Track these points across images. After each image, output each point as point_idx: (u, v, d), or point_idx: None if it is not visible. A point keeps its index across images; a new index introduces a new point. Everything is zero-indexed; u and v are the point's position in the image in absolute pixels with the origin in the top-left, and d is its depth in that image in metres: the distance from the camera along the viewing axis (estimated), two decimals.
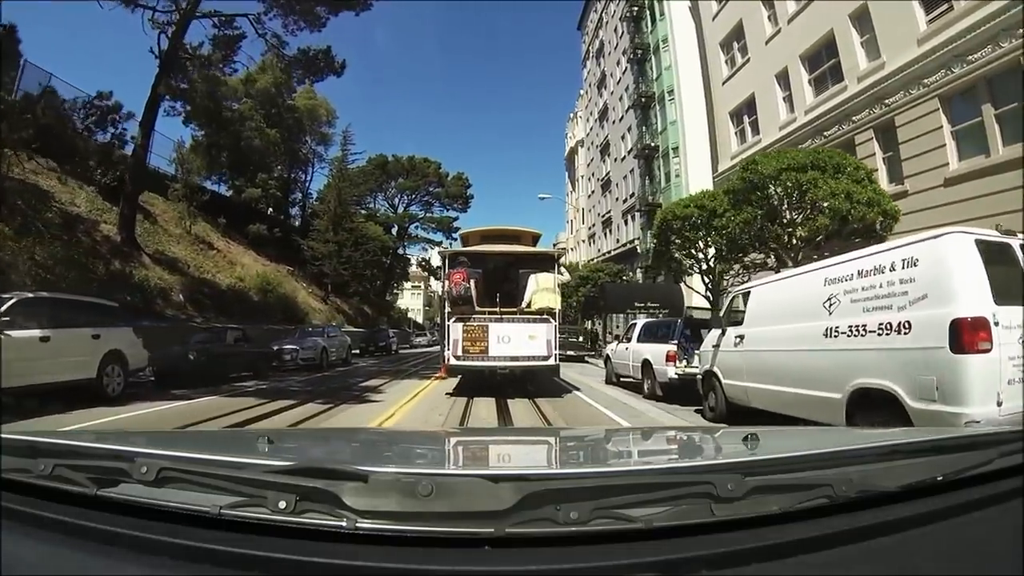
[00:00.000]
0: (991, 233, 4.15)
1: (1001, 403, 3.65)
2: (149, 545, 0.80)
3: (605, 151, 39.91)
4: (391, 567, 0.73)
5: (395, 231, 46.86)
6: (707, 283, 15.21)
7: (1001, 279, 3.86)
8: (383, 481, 0.81)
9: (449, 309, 9.80)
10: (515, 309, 9.91)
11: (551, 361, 9.72)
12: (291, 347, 16.31)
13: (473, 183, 48.91)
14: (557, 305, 9.97)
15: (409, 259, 53.80)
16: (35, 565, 0.81)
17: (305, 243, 34.02)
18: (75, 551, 0.81)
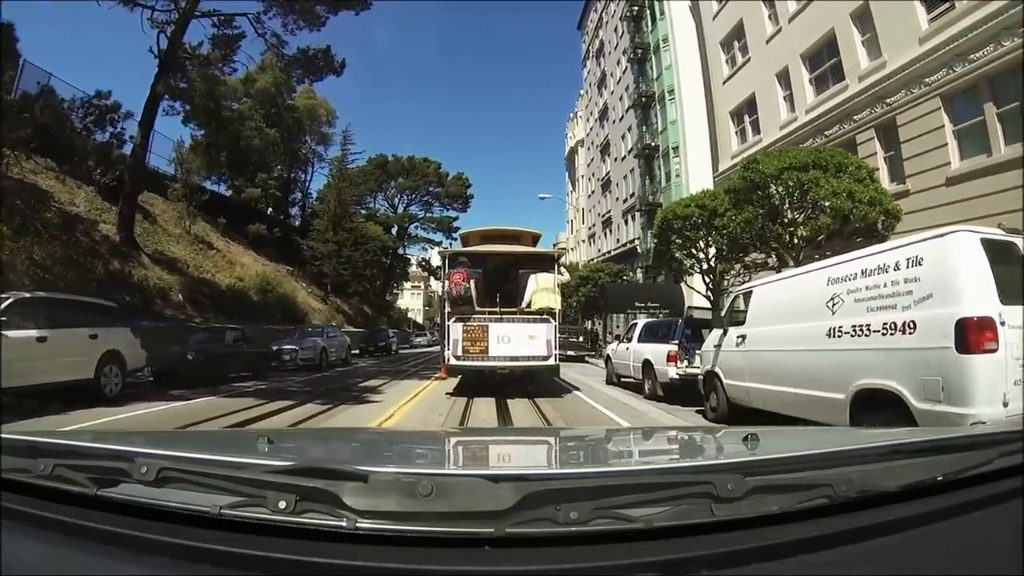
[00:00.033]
0: (996, 232, 4.10)
1: (1007, 403, 3.61)
2: (149, 545, 0.80)
3: (605, 151, 39.88)
4: (391, 567, 0.73)
5: (395, 231, 46.83)
6: (708, 283, 15.16)
7: (1006, 278, 3.81)
8: (383, 481, 0.81)
9: (449, 309, 9.83)
10: (515, 309, 9.93)
11: (551, 361, 9.75)
12: (290, 347, 16.29)
13: (473, 183, 49.01)
14: (557, 305, 10.01)
15: (409, 259, 53.82)
16: (35, 565, 0.81)
17: (305, 243, 33.97)
18: (75, 551, 0.81)
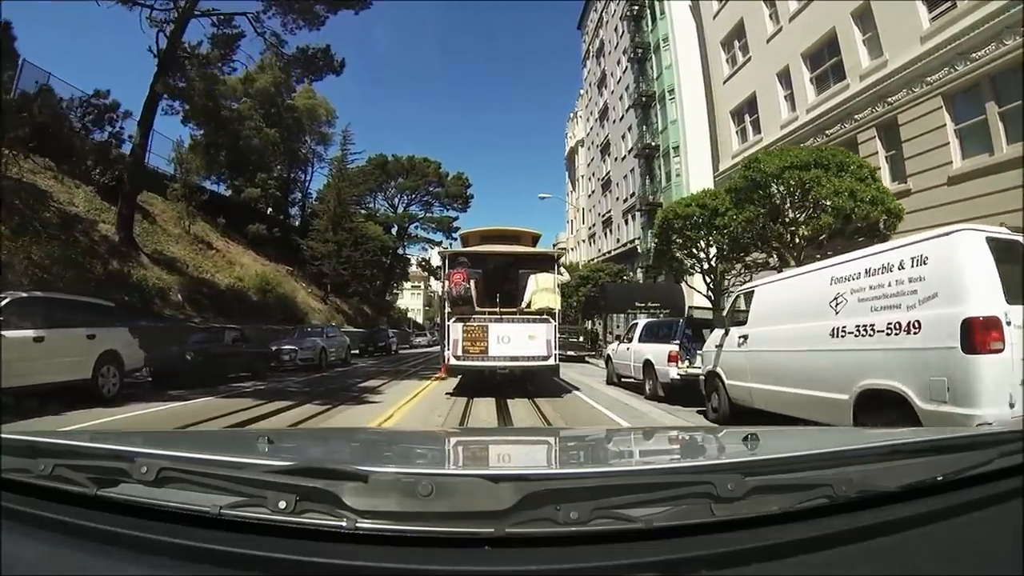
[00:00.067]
0: (1001, 230, 4.06)
1: (1013, 404, 3.56)
2: (149, 545, 0.79)
3: (605, 151, 39.82)
4: (391, 567, 0.73)
5: (395, 231, 46.77)
6: (708, 283, 15.11)
7: (1012, 277, 3.77)
8: (383, 481, 0.81)
9: (449, 309, 9.84)
10: (515, 309, 9.94)
11: (551, 361, 9.75)
12: (289, 347, 16.24)
13: (473, 183, 48.93)
14: (557, 305, 10.02)
15: (409, 259, 53.77)
16: (35, 565, 0.81)
17: (304, 243, 33.90)
18: (75, 551, 0.81)
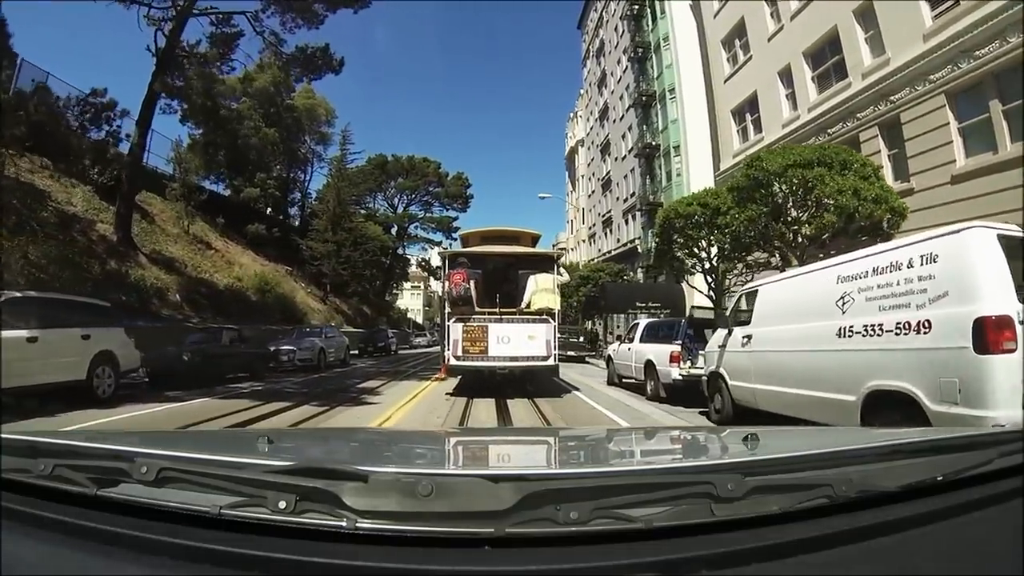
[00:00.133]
0: (1011, 228, 3.97)
1: None
2: (149, 545, 0.79)
3: (605, 150, 39.75)
4: (391, 567, 0.73)
5: (395, 231, 46.68)
6: (710, 283, 15.02)
7: (1023, 276, 3.68)
8: (383, 481, 0.81)
9: (449, 309, 9.85)
10: (515, 309, 9.95)
11: (550, 361, 9.76)
12: (288, 348, 16.14)
13: (473, 183, 48.82)
14: (556, 305, 10.03)
15: (409, 259, 53.69)
16: (35, 565, 0.81)
17: (304, 243, 33.79)
18: (75, 551, 0.80)
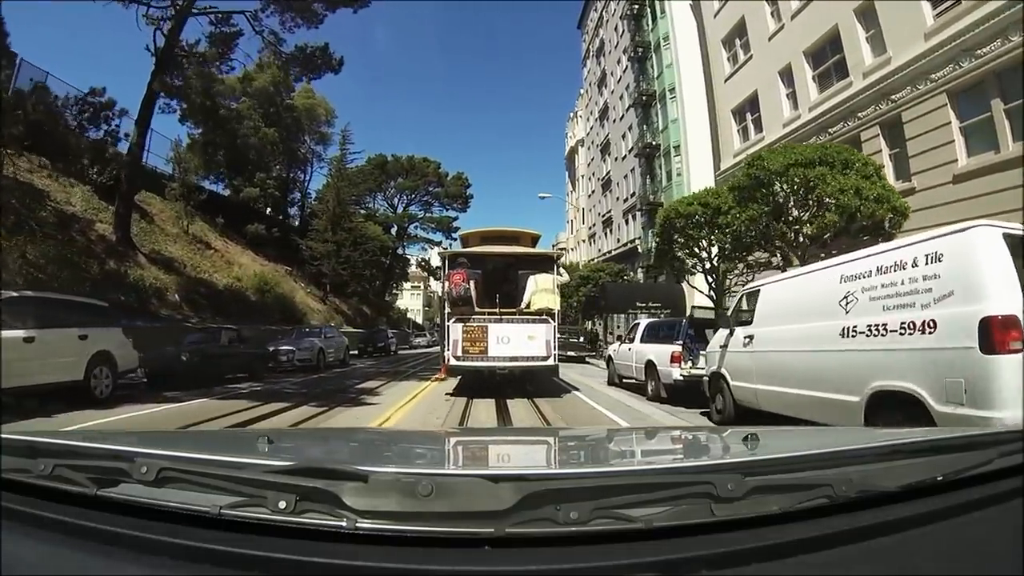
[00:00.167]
0: (1016, 227, 3.92)
1: None
2: (149, 545, 0.79)
3: (605, 150, 39.70)
4: (391, 567, 0.73)
5: (394, 231, 46.62)
6: (710, 283, 14.97)
7: None
8: (383, 481, 0.81)
9: (449, 310, 9.84)
10: (514, 310, 9.94)
11: (550, 361, 9.75)
12: (287, 348, 16.10)
13: (473, 183, 48.77)
14: (556, 306, 10.02)
15: (408, 259, 53.63)
16: (35, 565, 0.81)
17: (304, 243, 33.74)
18: (75, 551, 0.80)
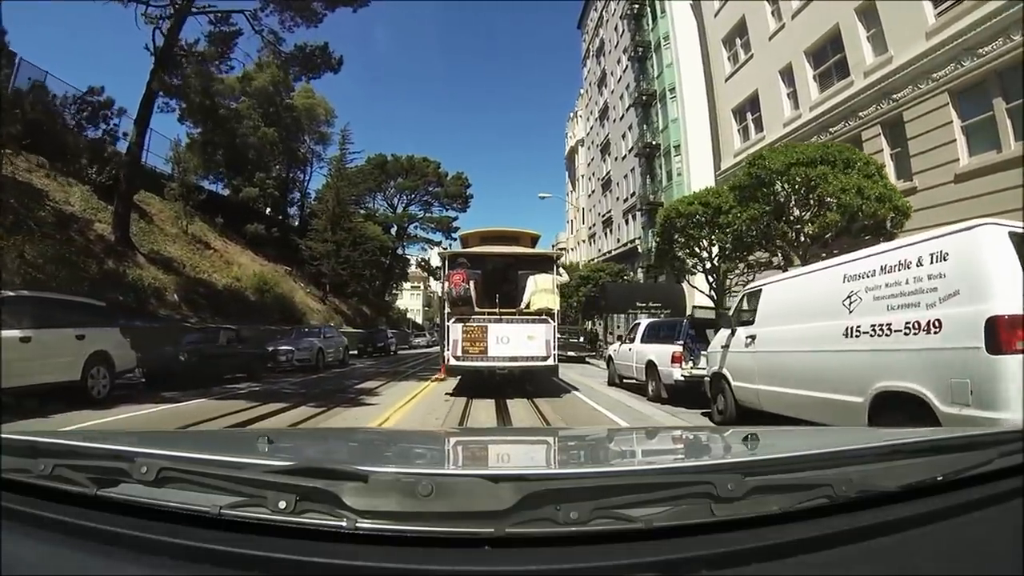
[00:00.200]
0: (1022, 225, 3.87)
1: None
2: (149, 545, 0.79)
3: (605, 150, 39.66)
4: (391, 567, 0.73)
5: (394, 231, 46.59)
6: (711, 283, 14.92)
7: None
8: (383, 481, 0.81)
9: (449, 310, 9.83)
10: (514, 310, 9.93)
11: (550, 361, 9.74)
12: (286, 348, 16.06)
13: (473, 183, 48.71)
14: (556, 306, 10.01)
15: (408, 259, 53.58)
16: (35, 565, 0.81)
17: (303, 243, 33.71)
18: (75, 551, 0.80)
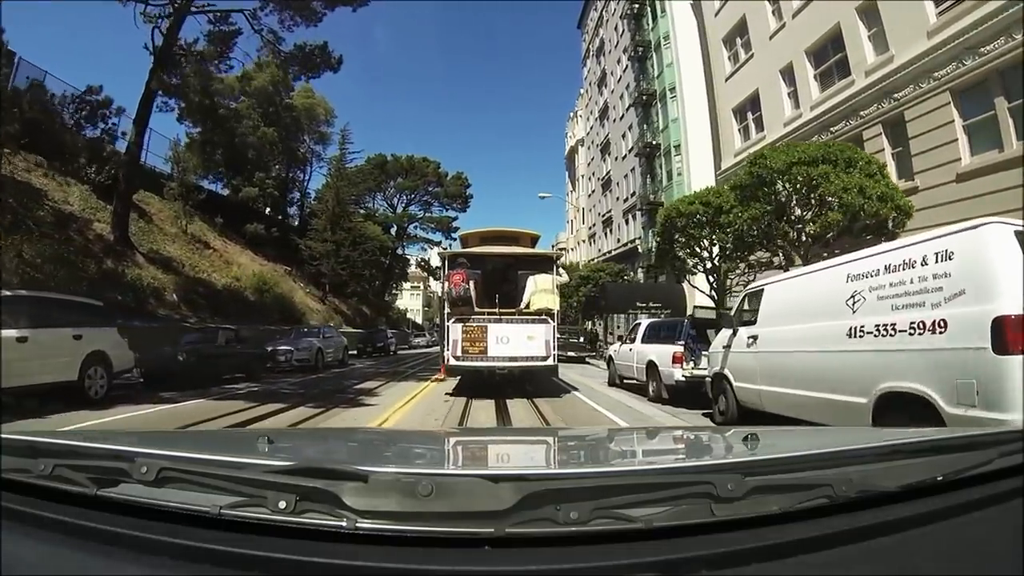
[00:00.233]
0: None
1: None
2: (149, 545, 0.79)
3: (606, 150, 39.62)
4: (391, 567, 0.73)
5: (394, 231, 46.54)
6: (712, 283, 14.88)
7: None
8: (383, 481, 0.80)
9: (449, 310, 9.82)
10: (514, 310, 9.91)
11: (550, 361, 9.72)
12: (285, 348, 16.02)
13: (473, 183, 48.73)
14: (555, 306, 9.99)
15: (408, 259, 53.52)
16: (35, 565, 0.81)
17: (303, 243, 33.67)
18: (75, 551, 0.80)
